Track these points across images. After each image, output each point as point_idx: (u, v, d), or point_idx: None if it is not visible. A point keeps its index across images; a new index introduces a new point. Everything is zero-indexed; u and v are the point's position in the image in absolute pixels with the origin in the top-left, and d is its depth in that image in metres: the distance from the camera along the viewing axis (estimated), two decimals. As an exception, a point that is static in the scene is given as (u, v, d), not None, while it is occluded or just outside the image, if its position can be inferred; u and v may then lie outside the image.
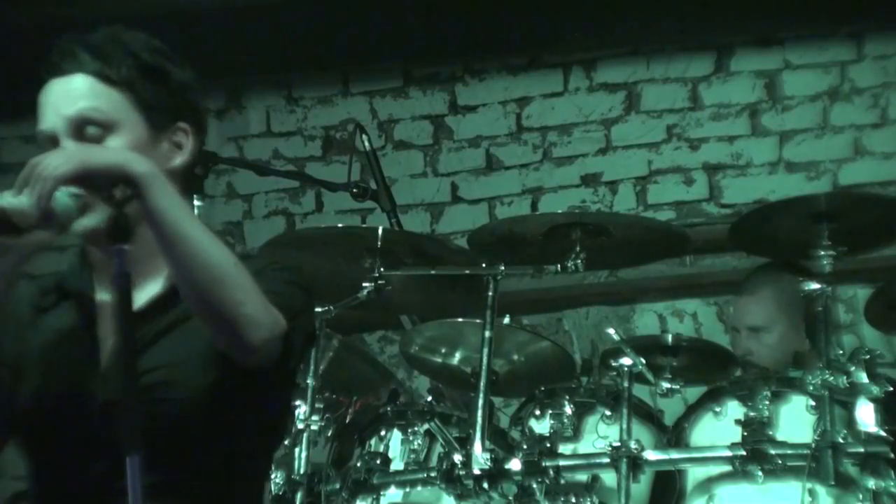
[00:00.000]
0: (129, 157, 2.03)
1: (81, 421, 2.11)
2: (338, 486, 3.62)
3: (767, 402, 3.54)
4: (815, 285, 3.58)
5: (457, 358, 4.04)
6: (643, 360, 3.64)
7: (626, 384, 3.61)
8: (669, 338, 3.99)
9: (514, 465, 3.49)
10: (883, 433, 3.36)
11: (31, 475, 2.24)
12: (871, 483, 3.34)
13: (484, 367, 3.57)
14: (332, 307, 3.76)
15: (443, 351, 4.04)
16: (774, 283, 4.32)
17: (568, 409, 3.74)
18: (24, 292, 2.27)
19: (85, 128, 2.15)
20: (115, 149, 2.11)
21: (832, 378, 3.43)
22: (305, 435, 3.71)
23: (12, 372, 2.17)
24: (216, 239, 2.05)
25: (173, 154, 2.22)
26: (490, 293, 3.64)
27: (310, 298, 2.27)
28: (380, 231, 3.78)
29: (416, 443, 3.68)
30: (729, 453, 3.48)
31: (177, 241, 2.01)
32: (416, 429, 3.69)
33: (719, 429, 3.66)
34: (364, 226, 5.07)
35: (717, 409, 3.68)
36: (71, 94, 2.18)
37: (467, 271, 3.82)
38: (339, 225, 4.94)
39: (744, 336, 4.39)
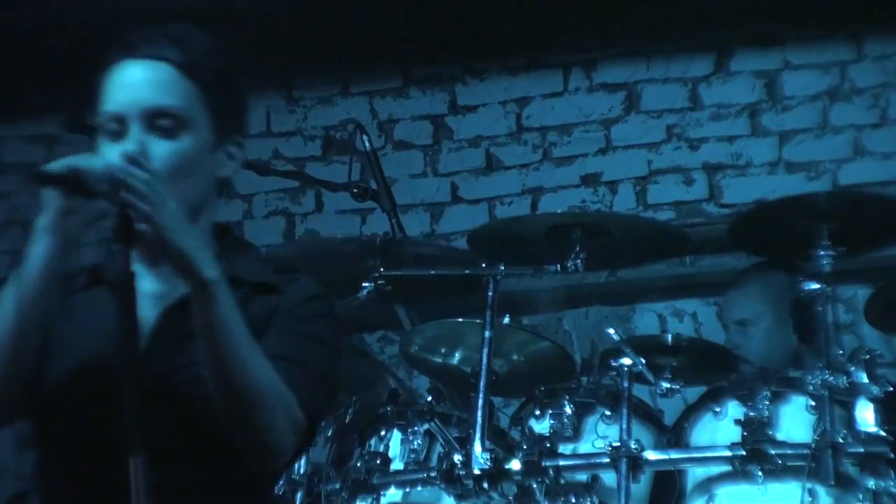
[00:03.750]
0: (206, 256, 1.98)
1: (112, 408, 2.05)
2: (338, 486, 3.62)
3: (767, 402, 3.55)
4: (815, 285, 3.58)
5: (457, 358, 4.03)
6: (643, 360, 3.64)
7: (625, 384, 3.61)
8: (669, 338, 3.99)
9: (514, 465, 3.49)
10: (883, 433, 3.37)
11: (43, 464, 2.17)
12: (871, 483, 3.35)
13: (484, 367, 3.57)
14: (331, 307, 3.76)
15: (443, 351, 4.04)
16: (761, 277, 4.35)
17: (568, 409, 3.74)
18: None
19: (158, 119, 2.13)
20: (196, 239, 2.02)
21: (832, 378, 3.43)
22: (305, 435, 3.71)
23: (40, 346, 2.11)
24: (260, 354, 2.02)
25: (224, 164, 2.23)
26: (490, 293, 3.64)
27: (336, 356, 2.23)
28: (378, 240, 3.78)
29: (416, 443, 3.68)
30: (729, 453, 3.48)
31: (228, 356, 1.98)
32: (416, 429, 3.69)
33: (719, 429, 3.66)
34: (364, 235, 5.05)
35: (717, 409, 3.69)
36: (152, 82, 2.15)
37: (467, 271, 3.82)
38: (339, 235, 4.90)
39: (731, 330, 4.41)
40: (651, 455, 3.53)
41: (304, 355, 2.14)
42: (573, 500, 3.54)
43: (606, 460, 3.50)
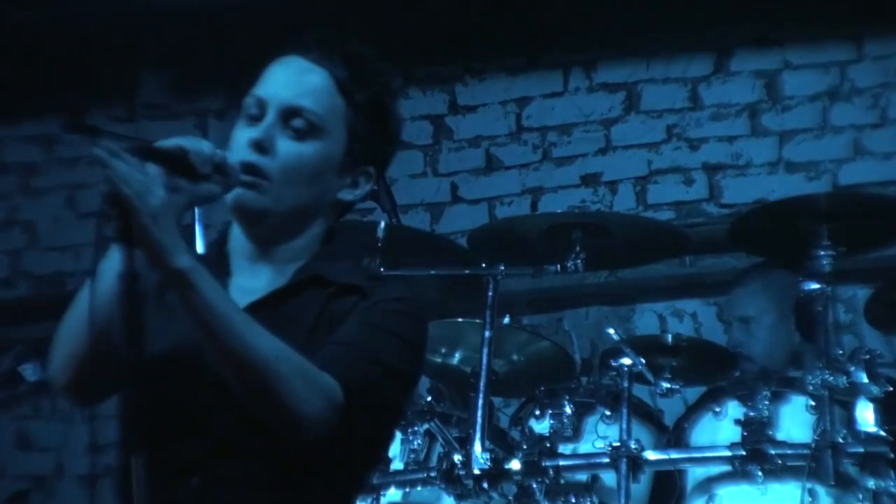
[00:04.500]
0: (180, 246, 1.97)
1: (184, 399, 2.08)
2: (338, 486, 3.62)
3: (767, 402, 3.55)
4: (815, 285, 3.59)
5: (457, 358, 4.04)
6: (643, 360, 3.65)
7: (625, 384, 3.62)
8: (669, 338, 3.99)
9: (514, 465, 3.50)
10: (883, 433, 3.37)
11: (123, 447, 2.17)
12: (871, 483, 3.35)
13: (484, 367, 3.57)
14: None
15: (443, 351, 4.04)
16: (764, 275, 4.36)
17: (568, 409, 3.75)
18: None
19: (293, 118, 2.15)
20: (173, 230, 1.98)
21: (832, 378, 3.43)
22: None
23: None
24: (257, 326, 2.01)
25: (348, 189, 2.23)
26: (490, 293, 3.64)
27: (410, 353, 2.19)
28: (381, 225, 3.77)
29: (416, 443, 3.68)
30: (729, 453, 3.48)
31: (222, 335, 1.98)
32: (416, 429, 3.69)
33: (719, 429, 3.66)
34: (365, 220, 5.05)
35: (717, 409, 3.69)
36: (303, 83, 2.18)
37: (467, 271, 3.82)
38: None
39: (734, 327, 4.41)
40: (651, 455, 3.54)
41: (364, 342, 2.11)
42: (573, 500, 3.54)
43: (606, 460, 3.50)
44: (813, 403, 3.51)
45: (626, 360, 3.63)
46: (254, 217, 2.16)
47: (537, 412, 3.83)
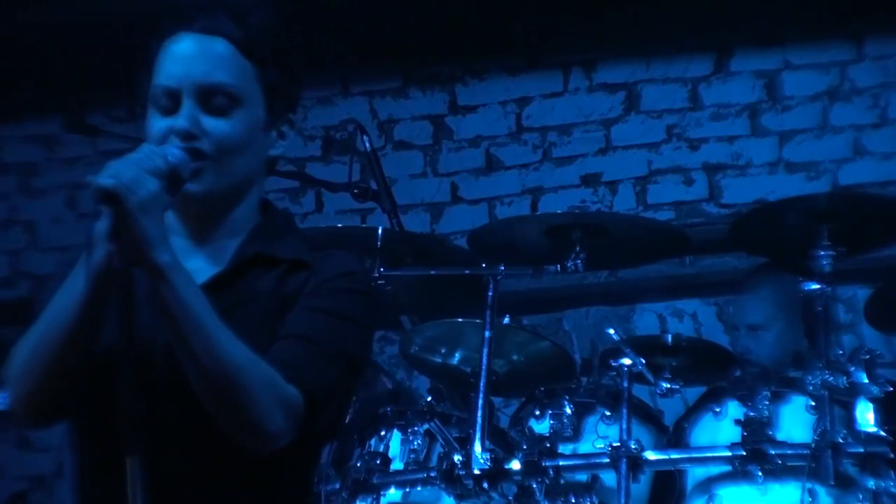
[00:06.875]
0: (164, 241, 1.93)
1: (142, 393, 1.98)
2: (338, 486, 3.62)
3: (767, 402, 3.55)
4: (815, 285, 3.58)
5: (457, 358, 4.03)
6: (643, 360, 3.65)
7: (625, 384, 3.62)
8: (669, 338, 3.99)
9: (514, 465, 3.49)
10: (883, 433, 3.37)
11: (74, 449, 2.17)
12: (871, 483, 3.35)
13: (484, 367, 3.57)
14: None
15: (443, 351, 4.04)
16: (773, 281, 4.34)
17: (568, 409, 3.75)
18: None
19: (212, 96, 2.10)
20: (159, 223, 1.94)
21: (832, 378, 3.43)
22: (305, 435, 3.70)
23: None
24: (229, 333, 1.97)
25: (276, 143, 2.20)
26: (490, 293, 3.64)
27: (363, 333, 2.16)
28: (379, 231, 3.78)
29: (415, 443, 3.68)
30: (729, 453, 3.48)
31: (193, 337, 1.94)
32: (415, 429, 3.69)
33: (719, 429, 3.66)
34: (364, 225, 5.06)
35: (717, 409, 3.69)
36: (209, 59, 2.11)
37: (467, 271, 3.82)
38: (339, 225, 4.93)
39: (742, 334, 4.40)
40: (651, 455, 3.54)
41: (318, 332, 2.08)
42: (573, 500, 3.54)
43: (606, 460, 3.50)
44: (813, 403, 3.50)
45: (626, 360, 3.63)
46: (197, 202, 2.11)
47: (537, 412, 3.83)
